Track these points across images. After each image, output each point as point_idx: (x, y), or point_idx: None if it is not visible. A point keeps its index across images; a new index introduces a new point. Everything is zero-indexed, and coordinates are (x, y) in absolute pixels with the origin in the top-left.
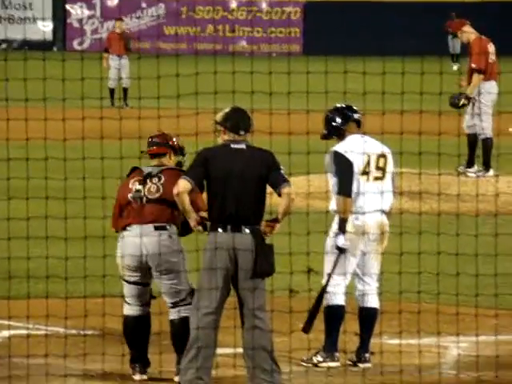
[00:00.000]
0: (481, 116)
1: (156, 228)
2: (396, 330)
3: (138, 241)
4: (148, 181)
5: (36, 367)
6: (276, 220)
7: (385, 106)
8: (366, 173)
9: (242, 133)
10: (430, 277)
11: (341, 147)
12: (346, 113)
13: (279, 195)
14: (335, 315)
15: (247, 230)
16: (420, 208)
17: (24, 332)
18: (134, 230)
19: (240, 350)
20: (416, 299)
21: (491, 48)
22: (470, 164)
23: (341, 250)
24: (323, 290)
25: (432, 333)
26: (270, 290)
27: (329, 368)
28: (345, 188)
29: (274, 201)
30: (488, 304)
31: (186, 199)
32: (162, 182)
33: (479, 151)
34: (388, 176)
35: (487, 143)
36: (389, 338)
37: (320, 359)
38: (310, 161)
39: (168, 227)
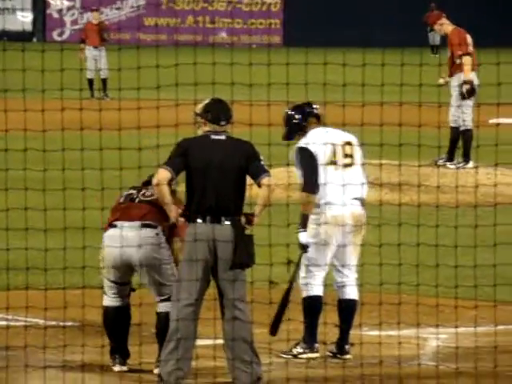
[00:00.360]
0: (462, 107)
1: (143, 225)
2: (376, 322)
3: (123, 236)
4: (143, 188)
5: (15, 358)
6: (253, 214)
7: (365, 98)
8: (333, 162)
9: (222, 123)
10: (409, 268)
11: (304, 142)
12: (305, 109)
13: (259, 186)
14: (314, 306)
15: (227, 222)
16: (400, 199)
17: (3, 323)
18: (120, 225)
19: (220, 342)
20: (396, 291)
21: (469, 39)
22: (450, 158)
23: (303, 247)
24: (289, 289)
25: (412, 324)
26: (250, 281)
27: (309, 359)
28: (309, 184)
29: (253, 192)
30: (467, 295)
31: (166, 190)
32: None
33: (459, 143)
34: (358, 164)
35: (467, 135)
36: (369, 330)
37: (300, 350)
38: (290, 152)
39: (154, 225)
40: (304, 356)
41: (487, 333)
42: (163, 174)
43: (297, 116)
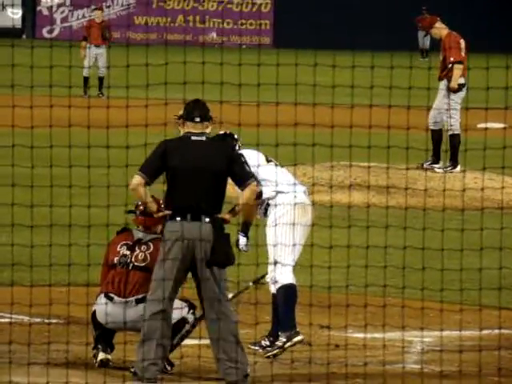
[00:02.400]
0: (449, 112)
1: (137, 301)
2: (361, 324)
3: (120, 313)
4: (137, 247)
5: (0, 354)
6: (233, 209)
7: (354, 100)
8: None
9: (197, 119)
10: (395, 271)
11: None
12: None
13: (243, 190)
14: (289, 293)
15: (206, 219)
16: (387, 202)
17: None
18: (116, 301)
19: (204, 341)
20: (381, 293)
21: (463, 43)
22: (436, 160)
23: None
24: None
25: (397, 327)
26: (236, 281)
27: (296, 343)
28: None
29: (230, 192)
30: (453, 299)
31: (142, 191)
32: (150, 251)
33: (444, 146)
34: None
35: (455, 139)
36: (354, 332)
37: (284, 340)
38: (278, 153)
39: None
40: (290, 344)
41: (472, 337)
42: (137, 181)
43: None
